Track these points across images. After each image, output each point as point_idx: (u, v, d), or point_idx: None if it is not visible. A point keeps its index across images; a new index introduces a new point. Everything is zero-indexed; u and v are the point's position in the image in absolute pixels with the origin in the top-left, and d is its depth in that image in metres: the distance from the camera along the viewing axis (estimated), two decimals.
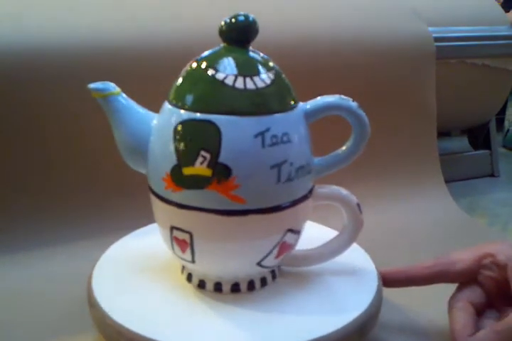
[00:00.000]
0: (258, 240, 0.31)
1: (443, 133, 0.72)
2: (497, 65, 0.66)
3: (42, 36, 0.45)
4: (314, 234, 0.39)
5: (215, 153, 0.29)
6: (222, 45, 0.31)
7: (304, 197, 0.32)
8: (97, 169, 0.47)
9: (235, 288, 0.34)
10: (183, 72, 0.31)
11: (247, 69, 0.30)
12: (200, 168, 0.29)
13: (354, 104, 0.32)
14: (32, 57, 0.44)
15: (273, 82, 0.30)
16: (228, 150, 0.29)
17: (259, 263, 0.32)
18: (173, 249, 0.33)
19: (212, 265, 0.33)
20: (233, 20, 0.30)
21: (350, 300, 0.33)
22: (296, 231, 0.33)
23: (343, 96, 0.32)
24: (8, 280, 0.40)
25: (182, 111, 0.30)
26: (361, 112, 0.32)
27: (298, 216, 0.32)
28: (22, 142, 0.45)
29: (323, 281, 0.35)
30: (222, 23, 0.31)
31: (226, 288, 0.34)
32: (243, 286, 0.34)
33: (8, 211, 0.44)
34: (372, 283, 0.35)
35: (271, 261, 0.33)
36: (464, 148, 0.74)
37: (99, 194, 0.47)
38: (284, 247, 0.32)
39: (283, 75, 0.32)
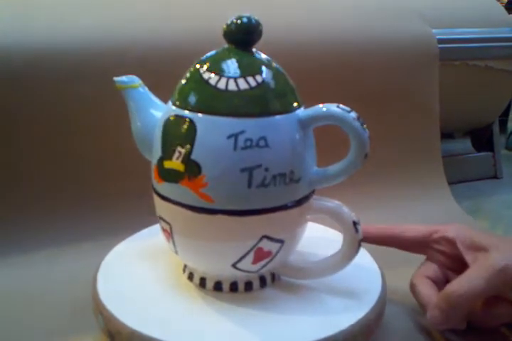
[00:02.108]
0: (228, 241, 0.31)
1: (446, 135, 0.72)
2: (500, 66, 0.66)
3: (49, 36, 0.45)
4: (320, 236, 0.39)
5: (189, 149, 0.29)
6: (226, 46, 0.31)
7: (288, 206, 0.31)
8: (102, 170, 0.47)
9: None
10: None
11: (234, 70, 0.30)
12: (175, 162, 0.30)
13: (351, 115, 0.30)
14: (39, 57, 0.44)
15: (259, 85, 0.30)
16: (200, 148, 0.29)
17: (234, 266, 0.32)
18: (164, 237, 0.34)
19: (191, 259, 0.34)
20: (236, 21, 0.30)
21: (355, 301, 0.33)
22: (277, 240, 0.32)
23: (341, 105, 0.30)
24: (12, 281, 0.40)
25: (172, 107, 0.31)
26: (357, 124, 0.30)
27: (277, 224, 0.31)
28: (26, 141, 0.45)
29: (327, 282, 0.35)
30: (226, 24, 0.31)
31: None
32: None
33: (12, 211, 0.44)
34: (376, 283, 0.35)
35: (248, 266, 0.32)
36: (467, 149, 0.74)
37: (103, 195, 0.47)
38: (260, 254, 0.32)
39: (283, 79, 0.31)
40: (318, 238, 0.39)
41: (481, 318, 0.34)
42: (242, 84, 0.29)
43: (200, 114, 0.30)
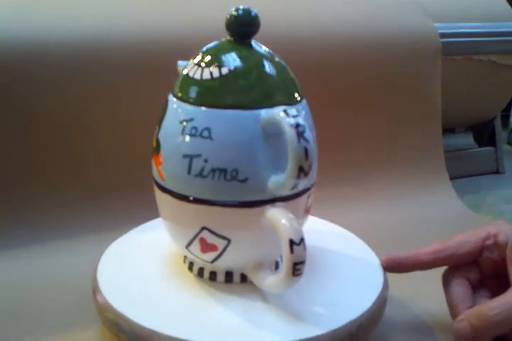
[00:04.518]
0: (174, 222, 0.33)
1: (447, 130, 0.72)
2: (503, 61, 0.65)
3: (51, 30, 0.45)
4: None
5: (159, 129, 0.32)
6: (225, 38, 0.32)
7: (228, 204, 0.30)
8: (102, 163, 0.47)
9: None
10: None
11: (207, 60, 0.31)
12: (154, 139, 0.32)
13: (289, 121, 0.28)
14: (40, 50, 0.44)
15: (222, 76, 0.30)
16: (163, 129, 0.32)
17: (187, 248, 0.33)
18: None
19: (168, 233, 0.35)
20: (233, 13, 0.30)
21: (356, 298, 0.33)
22: (221, 236, 0.31)
23: (292, 110, 0.28)
24: (12, 275, 0.40)
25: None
26: (292, 132, 0.27)
27: (216, 219, 0.31)
28: (25, 135, 0.45)
29: (329, 278, 0.35)
30: (226, 17, 0.31)
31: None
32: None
33: (12, 206, 0.44)
34: (378, 280, 0.35)
35: (198, 253, 0.33)
36: (469, 144, 0.74)
37: (105, 187, 0.47)
38: (205, 244, 0.32)
39: (271, 74, 0.31)
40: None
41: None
42: (206, 74, 0.30)
43: (173, 98, 0.31)
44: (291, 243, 0.28)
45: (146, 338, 0.29)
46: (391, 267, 0.36)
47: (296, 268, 0.29)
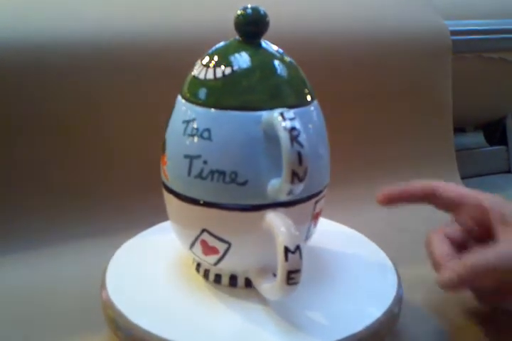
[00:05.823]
0: (178, 223, 0.33)
1: (458, 129, 0.71)
2: None
3: (55, 29, 0.45)
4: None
5: (165, 129, 0.32)
6: (234, 38, 0.31)
7: (227, 207, 0.29)
8: (112, 165, 0.47)
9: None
10: None
11: (214, 60, 0.30)
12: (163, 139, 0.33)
13: (283, 124, 0.27)
14: (43, 50, 0.44)
15: (224, 76, 0.29)
16: (169, 128, 0.32)
17: (191, 249, 0.33)
18: None
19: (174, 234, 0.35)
20: (242, 13, 0.30)
21: (362, 309, 0.32)
22: (221, 239, 0.31)
23: (289, 113, 0.27)
24: (18, 279, 0.40)
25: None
26: (286, 135, 0.26)
27: (215, 221, 0.30)
28: (36, 136, 0.45)
29: (337, 285, 0.34)
30: (235, 16, 0.30)
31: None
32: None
33: (19, 209, 0.44)
34: (390, 291, 0.34)
35: (201, 255, 0.32)
36: (480, 143, 0.73)
37: (113, 191, 0.46)
38: (206, 247, 0.31)
39: (277, 75, 0.30)
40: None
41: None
42: (210, 74, 0.30)
43: (179, 97, 0.31)
44: (286, 250, 0.27)
45: (140, 338, 0.29)
46: (383, 200, 0.37)
47: (291, 277, 0.27)
